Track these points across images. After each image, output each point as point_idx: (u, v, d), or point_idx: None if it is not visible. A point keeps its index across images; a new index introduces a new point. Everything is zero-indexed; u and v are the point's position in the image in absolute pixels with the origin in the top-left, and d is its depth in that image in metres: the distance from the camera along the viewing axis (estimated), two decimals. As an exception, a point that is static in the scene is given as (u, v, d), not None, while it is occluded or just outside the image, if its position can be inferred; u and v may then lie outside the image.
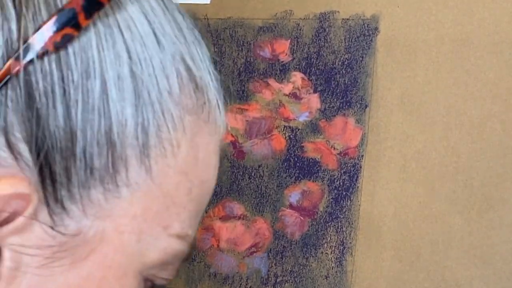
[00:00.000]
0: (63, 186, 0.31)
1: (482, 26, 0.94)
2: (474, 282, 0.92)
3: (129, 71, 0.31)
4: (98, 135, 0.31)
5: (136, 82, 0.31)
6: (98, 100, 0.31)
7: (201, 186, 0.36)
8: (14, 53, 0.29)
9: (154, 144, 0.32)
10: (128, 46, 0.31)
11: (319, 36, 1.03)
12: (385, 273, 0.97)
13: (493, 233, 0.91)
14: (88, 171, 0.31)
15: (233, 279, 1.08)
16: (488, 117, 0.93)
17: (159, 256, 0.34)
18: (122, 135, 0.31)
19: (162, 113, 0.32)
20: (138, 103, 0.32)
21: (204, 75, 0.35)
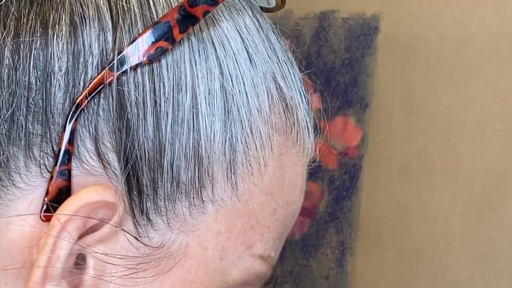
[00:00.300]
0: (149, 198, 0.31)
1: (482, 26, 0.93)
2: (474, 282, 0.92)
3: (220, 87, 0.31)
4: (186, 148, 0.31)
5: (226, 98, 0.32)
6: (187, 113, 0.31)
7: (287, 207, 0.36)
8: (109, 64, 0.29)
9: (241, 161, 0.32)
10: (220, 62, 0.32)
11: (319, 35, 1.03)
12: (385, 273, 0.97)
13: (493, 233, 0.91)
14: (174, 184, 0.31)
15: (232, 279, 1.07)
16: (488, 117, 0.92)
17: (241, 275, 0.34)
18: (209, 150, 0.31)
19: (251, 130, 0.32)
20: (227, 119, 0.32)
21: (294, 95, 0.35)
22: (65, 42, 0.30)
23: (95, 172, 0.30)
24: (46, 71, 0.29)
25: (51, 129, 0.29)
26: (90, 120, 0.30)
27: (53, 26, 0.30)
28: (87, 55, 0.30)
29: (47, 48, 0.29)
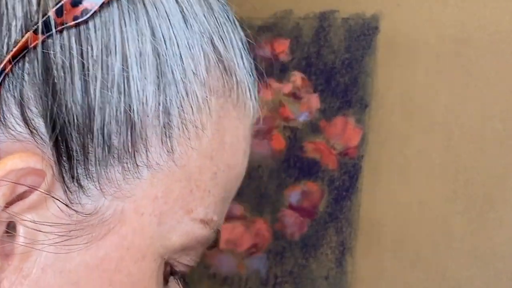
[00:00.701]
0: (79, 163, 0.30)
1: (482, 26, 0.93)
2: (474, 282, 0.92)
3: (152, 49, 0.31)
4: (117, 112, 0.30)
5: (159, 61, 0.31)
6: (118, 77, 0.30)
7: (228, 171, 0.35)
8: (33, 26, 0.29)
9: (177, 125, 0.32)
10: (152, 24, 0.31)
11: (319, 35, 1.03)
12: (385, 273, 0.97)
13: (493, 233, 0.91)
14: (106, 149, 0.30)
15: (232, 279, 1.07)
16: (488, 117, 0.92)
17: (181, 240, 0.33)
18: (142, 114, 0.31)
19: (186, 93, 0.32)
20: (161, 82, 0.31)
21: (234, 57, 0.34)
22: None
23: (22, 138, 0.30)
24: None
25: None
26: (15, 85, 0.29)
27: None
28: (11, 18, 0.29)
29: None
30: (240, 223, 1.07)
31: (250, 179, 1.07)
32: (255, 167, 1.07)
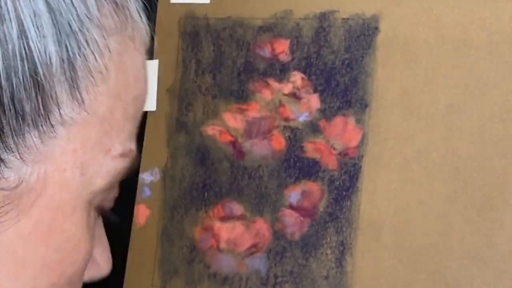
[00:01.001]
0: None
1: (482, 26, 0.93)
2: (474, 282, 0.92)
3: (45, 5, 0.30)
4: (24, 79, 0.30)
5: (54, 15, 0.30)
6: (17, 43, 0.30)
7: (135, 102, 0.36)
8: None
9: (82, 76, 0.32)
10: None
11: (319, 35, 1.03)
12: (385, 274, 0.97)
13: (493, 233, 0.91)
14: (19, 118, 0.30)
15: (232, 279, 1.07)
16: (488, 117, 0.93)
17: (105, 180, 0.34)
18: (48, 75, 0.31)
19: (86, 42, 0.32)
20: (61, 38, 0.31)
21: None
22: None
23: None
24: None
25: None
26: None
27: None
28: None
29: None
30: (240, 223, 1.07)
31: (249, 179, 1.07)
32: (255, 167, 1.07)
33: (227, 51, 1.10)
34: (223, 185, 1.09)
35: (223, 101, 1.10)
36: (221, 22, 1.11)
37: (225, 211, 1.09)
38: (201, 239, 1.10)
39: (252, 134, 1.07)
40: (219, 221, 1.09)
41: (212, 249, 1.09)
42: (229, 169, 1.09)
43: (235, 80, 1.09)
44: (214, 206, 1.09)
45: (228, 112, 1.10)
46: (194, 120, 1.12)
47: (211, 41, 1.11)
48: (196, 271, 1.11)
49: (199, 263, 1.11)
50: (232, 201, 1.09)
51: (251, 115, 1.08)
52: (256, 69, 1.08)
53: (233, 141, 1.09)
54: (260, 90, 1.07)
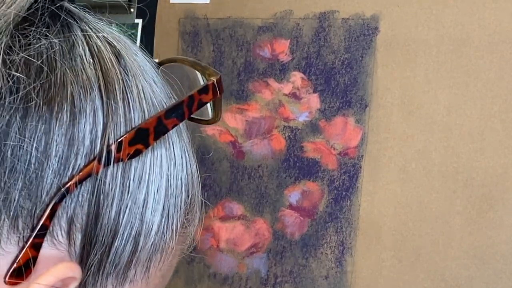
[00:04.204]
0: (92, 276, 0.35)
1: (482, 26, 0.94)
2: (474, 282, 0.92)
3: (165, 189, 0.37)
4: (131, 237, 0.35)
5: (166, 198, 0.37)
6: (140, 208, 0.35)
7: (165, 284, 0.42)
8: (98, 156, 0.33)
9: (159, 250, 0.37)
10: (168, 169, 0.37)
11: (319, 35, 1.03)
12: (385, 273, 0.97)
13: (493, 233, 0.91)
14: (113, 266, 0.35)
15: (232, 279, 1.07)
16: (488, 117, 0.93)
17: None
18: (146, 240, 0.36)
19: (173, 225, 0.38)
20: (163, 215, 0.37)
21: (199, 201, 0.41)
22: (64, 131, 0.33)
23: (60, 247, 0.34)
24: (45, 153, 0.33)
25: (37, 206, 0.33)
26: (70, 203, 0.33)
27: (57, 113, 0.33)
28: (80, 145, 0.33)
29: (49, 133, 0.33)
30: (240, 223, 1.07)
31: (250, 179, 1.07)
32: (255, 167, 1.07)
33: (227, 51, 1.10)
34: (223, 185, 1.09)
35: (223, 101, 1.11)
36: (221, 22, 1.11)
37: (225, 211, 1.09)
38: (201, 239, 1.10)
39: (252, 134, 1.08)
40: (219, 221, 1.09)
41: (212, 249, 1.09)
42: (229, 169, 1.09)
43: (235, 80, 1.09)
44: (214, 206, 1.09)
45: (228, 112, 1.10)
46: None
47: (211, 41, 1.11)
48: (196, 271, 1.11)
49: (199, 263, 1.11)
50: (232, 201, 1.09)
51: (251, 115, 1.08)
52: (256, 69, 1.08)
53: (233, 141, 1.09)
54: (260, 90, 1.07)
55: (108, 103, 0.34)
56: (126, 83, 0.36)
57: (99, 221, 0.34)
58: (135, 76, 0.36)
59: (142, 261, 0.37)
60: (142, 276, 0.37)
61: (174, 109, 0.36)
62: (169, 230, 0.37)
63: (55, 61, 0.34)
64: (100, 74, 0.35)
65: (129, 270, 0.36)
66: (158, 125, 0.35)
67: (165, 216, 0.37)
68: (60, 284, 0.33)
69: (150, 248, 0.37)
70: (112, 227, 0.34)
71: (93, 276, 0.35)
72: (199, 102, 0.38)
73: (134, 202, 0.35)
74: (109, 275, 0.35)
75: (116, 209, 0.34)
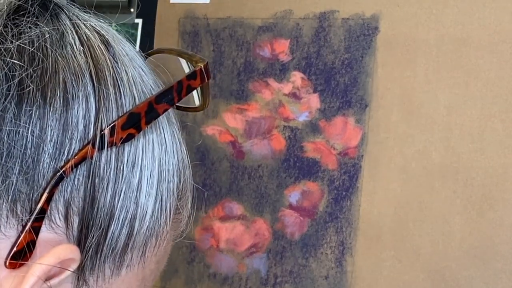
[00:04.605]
0: (90, 259, 0.36)
1: (482, 26, 0.93)
2: (474, 282, 0.92)
3: (158, 173, 0.38)
4: (126, 220, 0.36)
5: (159, 183, 0.38)
6: (135, 191, 0.36)
7: (158, 274, 0.42)
8: (92, 140, 0.34)
9: (154, 234, 0.38)
10: (160, 153, 0.38)
11: (319, 35, 1.03)
12: (385, 273, 0.97)
13: (493, 233, 0.91)
14: (111, 249, 0.36)
15: (232, 279, 1.07)
16: (488, 117, 0.93)
17: None
18: (142, 223, 0.37)
19: (167, 210, 0.39)
20: (156, 199, 0.38)
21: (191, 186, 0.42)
22: (58, 116, 0.34)
23: (58, 231, 0.34)
24: (40, 138, 0.33)
25: (34, 190, 0.33)
26: (67, 187, 0.34)
27: (50, 99, 0.34)
28: (74, 130, 0.34)
29: (43, 118, 0.33)
30: (240, 223, 1.07)
31: (250, 179, 1.07)
32: (255, 167, 1.07)
33: (227, 51, 1.10)
34: (223, 185, 1.09)
35: (223, 101, 1.11)
36: (221, 22, 1.11)
37: (225, 211, 1.09)
38: (201, 239, 1.10)
39: (252, 134, 1.08)
40: (219, 221, 1.09)
41: (212, 249, 1.09)
42: (229, 169, 1.09)
43: (235, 80, 1.09)
44: (214, 206, 1.09)
45: (228, 112, 1.10)
46: (194, 120, 1.12)
47: (211, 41, 1.11)
48: (196, 271, 1.11)
49: (199, 263, 1.11)
50: (232, 201, 1.09)
51: (251, 115, 1.08)
52: (256, 69, 1.08)
53: (233, 141, 1.09)
54: (260, 90, 1.07)
55: (100, 88, 0.35)
56: (116, 70, 0.36)
57: (95, 204, 0.35)
58: (124, 64, 0.37)
59: (138, 245, 0.37)
60: (138, 260, 0.38)
61: (164, 94, 0.37)
62: (163, 214, 0.38)
63: (46, 49, 0.34)
64: (90, 61, 0.36)
65: (126, 254, 0.37)
66: (149, 109, 0.36)
67: (159, 200, 0.38)
68: (60, 266, 0.34)
69: (146, 232, 0.37)
70: (108, 210, 0.35)
71: (91, 259, 0.36)
72: (188, 87, 0.39)
73: (128, 186, 0.36)
74: (107, 259, 0.36)
75: (112, 192, 0.35)
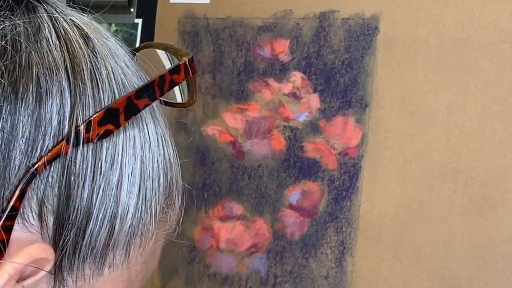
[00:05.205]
0: (68, 258, 0.35)
1: (482, 26, 0.93)
2: (474, 282, 0.92)
3: (140, 171, 0.37)
4: (106, 219, 0.35)
5: (142, 181, 0.37)
6: (114, 189, 0.35)
7: (149, 275, 0.41)
8: (66, 137, 0.33)
9: (138, 234, 0.38)
10: (142, 150, 0.37)
11: (319, 35, 1.03)
12: (385, 273, 0.97)
13: (493, 233, 0.91)
14: (90, 248, 0.35)
15: (232, 279, 1.07)
16: (488, 117, 0.93)
17: None
18: (123, 222, 0.36)
19: (151, 208, 0.38)
20: (139, 198, 0.37)
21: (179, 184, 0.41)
22: (31, 112, 0.33)
23: (32, 230, 0.34)
24: (11, 134, 0.32)
25: (5, 188, 0.32)
26: (40, 184, 0.33)
27: (22, 94, 0.33)
28: (47, 126, 0.33)
29: (15, 114, 0.33)
30: (240, 223, 1.07)
31: (250, 179, 1.07)
32: (255, 167, 1.07)
33: (227, 51, 1.10)
34: (223, 185, 1.09)
35: (223, 101, 1.11)
36: (221, 22, 1.11)
37: (225, 211, 1.09)
38: (201, 239, 1.10)
39: (252, 134, 1.08)
40: (219, 221, 1.09)
41: (212, 249, 1.09)
42: (229, 169, 1.09)
43: (235, 80, 1.09)
44: (214, 206, 1.09)
45: (228, 112, 1.10)
46: (194, 120, 1.12)
47: (211, 41, 1.11)
48: (196, 271, 1.11)
49: (199, 263, 1.11)
50: (232, 201, 1.09)
51: (251, 115, 1.08)
52: (256, 69, 1.08)
53: (233, 141, 1.09)
54: (260, 90, 1.07)
55: (76, 83, 0.34)
56: (94, 64, 0.35)
57: (71, 202, 0.34)
58: (105, 58, 0.36)
59: (120, 245, 0.37)
60: (122, 260, 0.37)
61: (144, 89, 0.36)
62: (147, 213, 0.37)
63: (19, 43, 0.34)
64: (66, 55, 0.35)
65: (107, 253, 0.36)
66: (128, 105, 0.35)
67: (142, 198, 0.37)
68: (34, 265, 0.33)
69: (128, 231, 0.37)
70: (85, 208, 0.34)
71: (69, 259, 0.35)
72: (171, 82, 0.38)
73: (107, 183, 0.35)
74: (86, 259, 0.35)
75: (89, 190, 0.34)
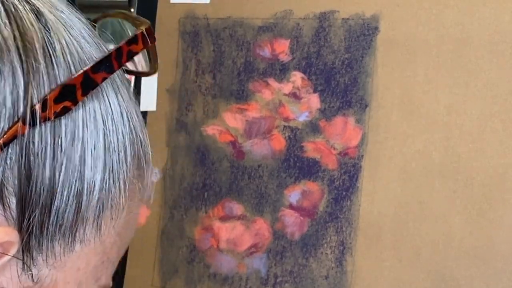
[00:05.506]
0: (36, 238, 0.35)
1: (482, 26, 0.93)
2: (474, 282, 0.92)
3: (103, 144, 0.36)
4: (71, 196, 0.35)
5: (106, 154, 0.36)
6: (77, 165, 0.35)
7: (126, 244, 0.42)
8: (22, 117, 0.33)
9: (108, 207, 0.37)
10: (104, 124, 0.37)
11: (319, 35, 1.03)
12: (385, 273, 0.97)
13: (493, 233, 0.91)
14: (57, 226, 0.35)
15: (232, 279, 1.07)
16: (488, 117, 0.93)
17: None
18: (90, 197, 0.36)
19: (119, 181, 0.38)
20: (105, 172, 0.36)
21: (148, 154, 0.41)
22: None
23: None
24: None
25: None
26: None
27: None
28: (1, 108, 0.33)
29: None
30: (240, 223, 1.07)
31: (249, 179, 1.07)
32: (255, 167, 1.07)
33: (227, 51, 1.10)
34: (223, 185, 1.09)
35: (223, 101, 1.11)
36: (221, 22, 1.11)
37: (225, 211, 1.09)
38: (201, 239, 1.10)
39: (252, 134, 1.08)
40: (219, 221, 1.09)
41: (212, 249, 1.09)
42: (229, 169, 1.09)
43: (235, 80, 1.09)
44: (214, 206, 1.09)
45: (228, 112, 1.10)
46: (194, 120, 1.12)
47: (211, 41, 1.11)
48: (196, 271, 1.11)
49: (199, 263, 1.11)
50: (232, 201, 1.09)
51: (251, 115, 1.08)
52: (256, 69, 1.08)
53: (233, 141, 1.09)
54: (260, 90, 1.07)
55: (28, 62, 0.33)
56: (47, 40, 0.35)
57: (33, 182, 0.34)
58: (58, 32, 0.36)
59: (90, 219, 0.37)
60: (93, 235, 0.37)
61: (101, 63, 0.35)
62: (115, 186, 0.37)
63: None
64: (17, 33, 0.34)
65: (77, 229, 0.36)
66: (85, 80, 0.34)
67: (108, 172, 0.37)
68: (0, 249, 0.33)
69: (97, 206, 0.37)
70: (49, 187, 0.34)
71: (36, 238, 0.35)
72: (129, 53, 0.37)
73: (69, 160, 0.35)
74: (55, 236, 0.35)
75: (50, 168, 0.34)
